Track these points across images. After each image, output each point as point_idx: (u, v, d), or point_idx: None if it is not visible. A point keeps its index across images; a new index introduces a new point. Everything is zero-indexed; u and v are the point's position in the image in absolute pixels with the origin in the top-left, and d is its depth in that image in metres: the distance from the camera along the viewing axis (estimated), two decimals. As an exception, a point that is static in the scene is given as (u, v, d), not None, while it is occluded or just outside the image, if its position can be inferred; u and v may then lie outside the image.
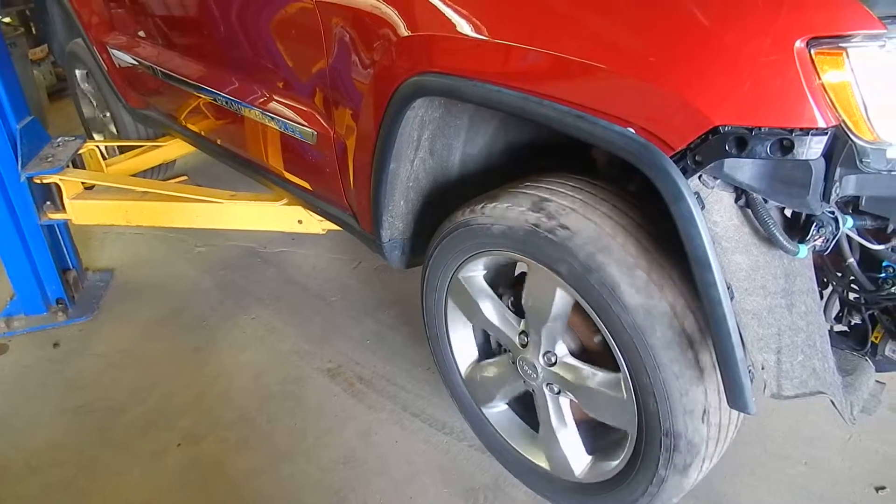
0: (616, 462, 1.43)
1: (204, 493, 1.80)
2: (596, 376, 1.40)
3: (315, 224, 2.27)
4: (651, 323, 1.18)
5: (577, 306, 1.36)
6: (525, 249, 1.36)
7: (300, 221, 2.30)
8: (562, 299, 1.37)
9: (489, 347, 1.79)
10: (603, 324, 1.26)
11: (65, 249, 2.68)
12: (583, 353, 1.47)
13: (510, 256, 1.45)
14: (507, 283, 1.65)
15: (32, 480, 1.88)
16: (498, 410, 1.75)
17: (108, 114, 3.41)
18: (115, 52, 2.97)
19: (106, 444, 1.98)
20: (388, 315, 2.47)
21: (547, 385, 1.51)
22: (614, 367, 1.32)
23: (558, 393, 1.51)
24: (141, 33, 2.75)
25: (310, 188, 2.07)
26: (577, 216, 1.28)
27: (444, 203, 1.71)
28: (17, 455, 1.97)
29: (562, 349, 1.46)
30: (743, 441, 1.68)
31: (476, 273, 1.59)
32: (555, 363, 1.46)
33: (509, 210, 1.37)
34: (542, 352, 1.48)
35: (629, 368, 1.26)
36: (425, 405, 2.03)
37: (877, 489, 1.67)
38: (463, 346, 1.76)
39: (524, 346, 1.52)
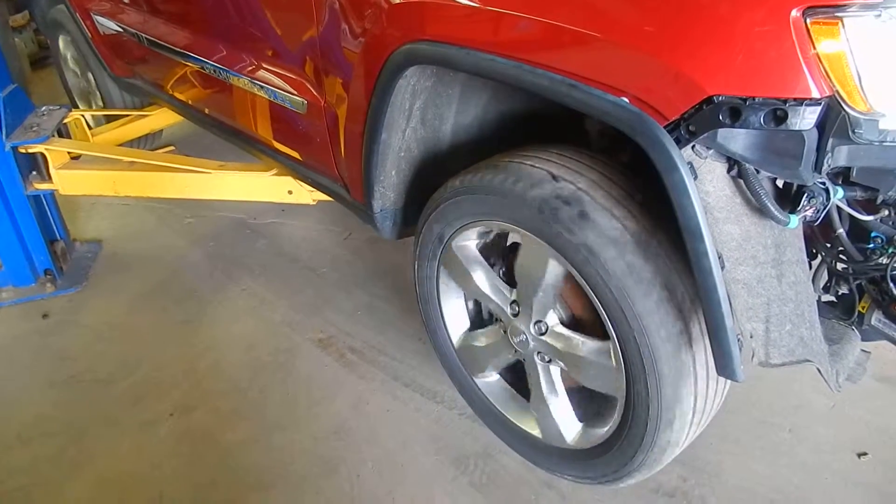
0: (605, 429, 1.45)
1: (195, 464, 1.81)
2: (585, 345, 1.41)
3: (305, 194, 2.26)
4: (640, 291, 1.19)
5: (568, 277, 1.37)
6: (516, 219, 1.36)
7: (290, 192, 2.29)
8: (553, 269, 1.38)
9: (481, 318, 1.80)
10: (592, 292, 1.27)
11: (52, 220, 2.65)
12: (573, 323, 1.48)
13: (502, 227, 1.45)
14: (500, 253, 1.65)
15: (23, 452, 1.88)
16: (490, 380, 1.76)
17: (92, 80, 3.35)
18: (99, 18, 2.91)
19: (97, 416, 1.99)
20: (379, 286, 2.47)
21: (538, 354, 1.53)
22: (603, 336, 1.34)
23: (549, 362, 1.52)
24: (125, -1, 2.69)
25: (300, 158, 2.05)
26: (571, 186, 1.28)
27: (435, 173, 1.71)
28: (7, 427, 1.97)
29: (552, 318, 1.47)
30: (728, 409, 1.70)
31: (469, 242, 1.59)
32: (545, 332, 1.48)
33: (502, 181, 1.37)
34: (532, 321, 1.49)
35: (618, 336, 1.27)
36: (416, 375, 2.04)
37: (859, 455, 1.71)
38: (455, 316, 1.77)
39: (515, 315, 1.53)
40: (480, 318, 1.80)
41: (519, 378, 1.69)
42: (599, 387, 1.44)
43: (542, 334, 1.48)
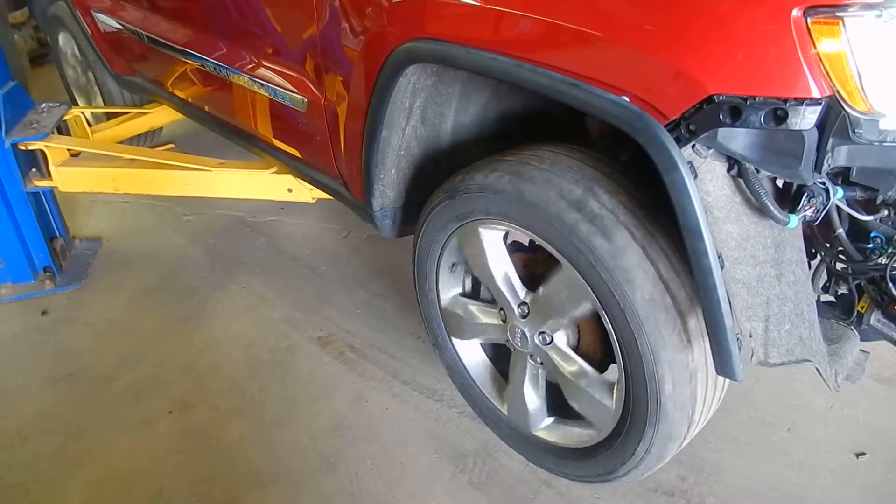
0: (595, 432, 1.47)
1: (195, 461, 1.81)
2: (589, 375, 1.43)
3: (305, 193, 2.26)
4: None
5: (593, 313, 1.36)
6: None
7: (290, 190, 2.29)
8: (585, 304, 1.36)
9: (476, 290, 1.77)
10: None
11: (51, 217, 2.65)
12: (576, 348, 1.49)
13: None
14: (517, 248, 1.63)
15: (23, 448, 1.88)
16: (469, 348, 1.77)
17: (92, 77, 3.35)
18: (99, 15, 2.91)
19: (96, 413, 1.99)
20: (379, 284, 2.47)
21: (532, 356, 1.53)
22: (602, 364, 1.36)
23: (540, 364, 1.53)
24: (126, -4, 2.69)
25: (300, 156, 2.05)
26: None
27: (435, 172, 1.71)
28: (7, 423, 1.97)
29: (561, 338, 1.48)
30: (727, 408, 1.71)
31: (499, 231, 1.53)
32: (549, 344, 1.48)
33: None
34: (539, 331, 1.49)
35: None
36: (415, 373, 2.05)
37: (857, 455, 1.71)
38: (449, 280, 1.74)
39: (524, 316, 1.52)
40: (476, 290, 1.76)
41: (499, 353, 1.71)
42: (586, 413, 1.48)
43: (546, 345, 1.49)
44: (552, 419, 1.62)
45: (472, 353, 1.78)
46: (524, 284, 1.53)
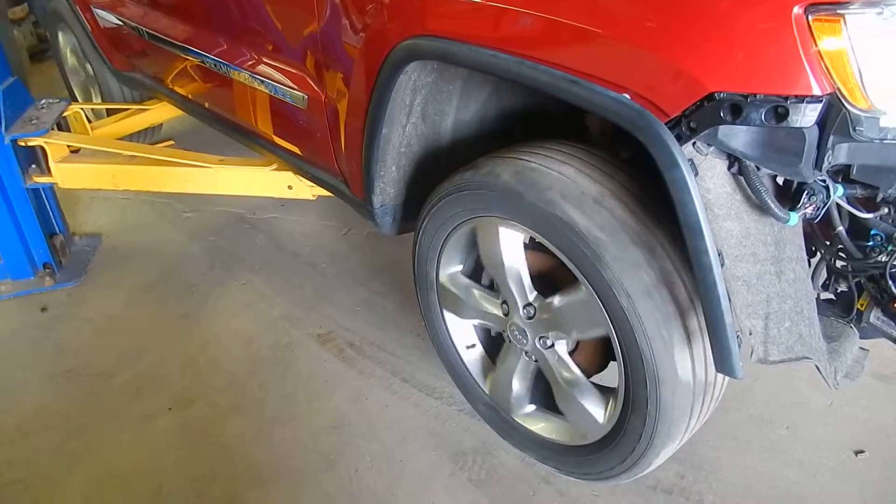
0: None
1: (194, 458, 1.81)
2: (586, 390, 1.45)
3: (305, 190, 2.26)
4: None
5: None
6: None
7: (290, 187, 2.29)
8: (598, 330, 1.36)
9: (479, 274, 1.77)
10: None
11: (51, 214, 2.65)
12: (572, 353, 1.51)
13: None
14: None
15: (23, 445, 1.88)
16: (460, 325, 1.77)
17: (91, 73, 3.34)
18: (99, 11, 2.91)
19: (96, 409, 1.99)
20: (379, 282, 2.47)
21: (539, 339, 1.53)
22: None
23: (551, 346, 1.53)
24: (126, -8, 2.68)
25: (300, 153, 2.05)
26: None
27: (436, 169, 1.71)
28: (7, 419, 1.97)
29: (561, 346, 1.49)
30: (727, 406, 1.71)
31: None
32: (549, 347, 1.49)
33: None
34: (521, 306, 1.50)
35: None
36: (415, 370, 2.05)
37: (856, 453, 1.71)
38: (451, 256, 1.74)
39: (529, 318, 1.51)
40: (478, 273, 1.74)
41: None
42: (573, 420, 1.50)
43: (546, 348, 1.49)
44: (533, 407, 1.65)
45: (461, 331, 1.79)
46: (534, 286, 1.51)
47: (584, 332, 1.41)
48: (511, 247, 1.49)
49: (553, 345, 1.48)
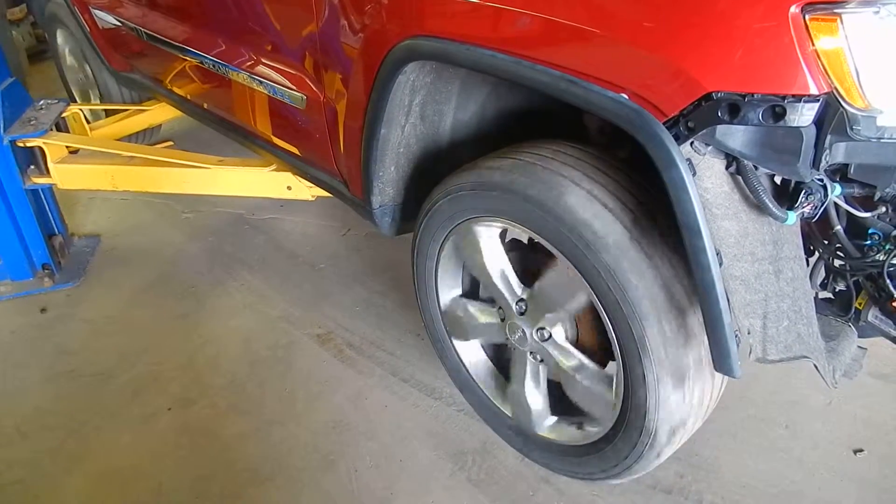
0: (598, 428, 1.47)
1: (194, 457, 1.82)
2: (587, 369, 1.44)
3: (304, 190, 2.26)
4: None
5: (590, 306, 1.37)
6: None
7: (289, 188, 2.29)
8: (580, 296, 1.37)
9: (475, 290, 1.77)
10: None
11: (50, 214, 2.65)
12: (575, 342, 1.50)
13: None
14: (515, 246, 1.63)
15: (23, 445, 1.89)
16: (471, 349, 1.77)
17: (90, 74, 3.34)
18: (97, 12, 2.91)
19: (96, 410, 1.99)
20: (378, 282, 2.47)
21: (531, 353, 1.53)
22: (602, 359, 1.37)
23: (541, 361, 1.53)
24: (124, -7, 2.68)
25: (299, 154, 2.05)
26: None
27: (435, 169, 1.71)
28: (6, 420, 1.97)
29: (559, 333, 1.48)
30: (725, 405, 1.71)
31: (495, 228, 1.54)
32: (547, 340, 1.49)
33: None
34: (537, 327, 1.49)
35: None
36: (414, 370, 2.05)
37: (855, 451, 1.72)
38: (449, 281, 1.75)
39: (522, 314, 1.52)
40: (475, 290, 1.76)
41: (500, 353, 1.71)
42: (587, 407, 1.48)
43: (544, 341, 1.49)
44: (555, 418, 1.62)
45: (473, 355, 1.78)
46: (521, 281, 1.54)
47: (571, 300, 1.41)
48: (492, 247, 1.52)
49: (551, 336, 1.48)
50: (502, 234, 1.57)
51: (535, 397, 1.60)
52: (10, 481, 1.78)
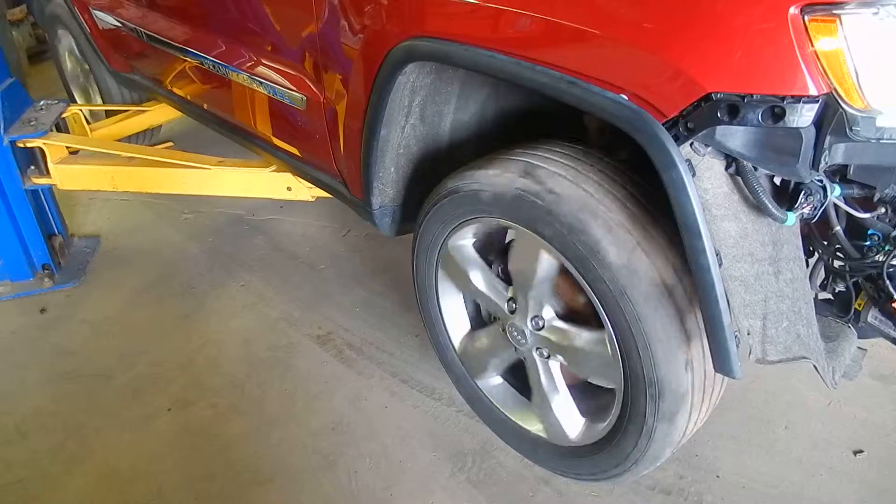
0: (605, 423, 1.46)
1: (194, 458, 1.82)
2: (581, 336, 1.42)
3: (304, 191, 2.26)
4: (637, 287, 1.20)
5: (562, 270, 1.37)
6: (513, 214, 1.36)
7: (289, 188, 2.29)
8: (546, 262, 1.39)
9: (480, 318, 1.79)
10: (590, 287, 1.28)
11: (50, 215, 2.65)
12: (568, 316, 1.49)
13: (501, 223, 1.45)
14: (497, 252, 1.65)
15: (22, 446, 1.89)
16: (492, 383, 1.76)
17: (90, 74, 3.35)
18: (97, 13, 2.91)
19: (95, 410, 1.99)
20: (378, 282, 2.47)
21: (536, 349, 1.53)
22: (599, 326, 1.35)
23: (548, 357, 1.53)
24: (124, -6, 2.69)
25: (299, 154, 2.05)
26: (566, 182, 1.28)
27: (434, 170, 1.71)
28: (6, 420, 1.97)
29: (549, 312, 1.48)
30: (725, 406, 1.71)
31: (466, 241, 1.60)
32: (542, 327, 1.49)
33: (498, 176, 1.37)
34: (529, 316, 1.49)
35: (614, 327, 1.28)
36: (414, 371, 2.05)
37: (854, 453, 1.71)
38: (455, 314, 1.77)
39: (513, 312, 1.53)
40: (480, 318, 1.79)
41: (520, 379, 1.69)
42: (598, 377, 1.46)
43: (540, 329, 1.49)
44: (584, 420, 1.57)
45: (500, 393, 1.77)
46: (502, 280, 1.57)
47: (590, 375, 1.45)
48: (468, 256, 1.56)
49: (544, 323, 1.48)
50: (475, 245, 1.60)
51: (559, 402, 1.57)
52: (9, 482, 1.78)
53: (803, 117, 0.95)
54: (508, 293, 1.55)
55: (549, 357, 1.53)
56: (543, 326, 1.48)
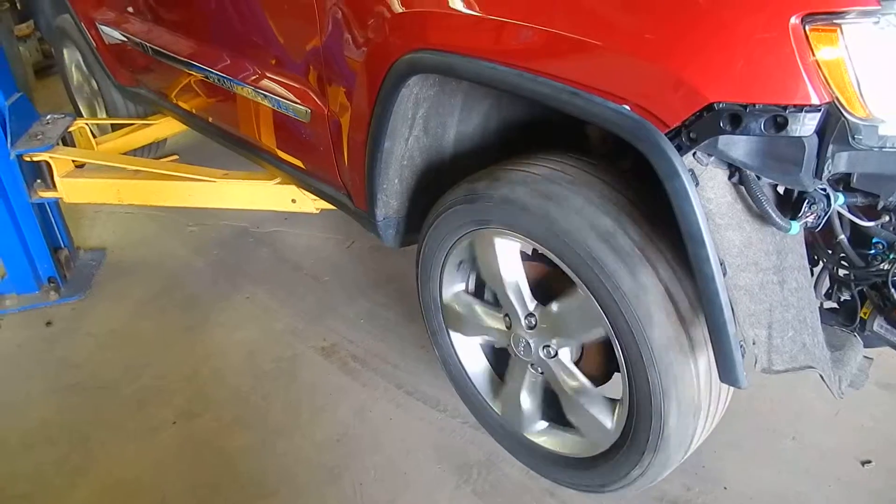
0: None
1: (199, 470, 1.81)
2: (591, 395, 1.45)
3: (309, 203, 2.27)
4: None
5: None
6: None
7: (294, 200, 2.30)
8: (597, 332, 1.36)
9: (480, 290, 1.77)
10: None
11: (56, 228, 2.66)
12: (579, 362, 1.50)
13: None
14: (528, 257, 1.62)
15: (27, 458, 1.89)
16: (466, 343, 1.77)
17: (96, 88, 3.37)
18: (104, 28, 2.93)
19: (100, 422, 1.99)
20: (382, 294, 2.47)
21: (532, 365, 1.53)
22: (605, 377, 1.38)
23: (541, 373, 1.53)
24: (130, 8, 2.71)
25: (303, 167, 2.06)
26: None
27: (438, 181, 1.72)
28: (11, 433, 1.97)
29: (565, 354, 1.48)
30: (731, 416, 1.69)
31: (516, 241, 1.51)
32: (553, 357, 1.49)
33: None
34: (544, 344, 1.49)
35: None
36: (419, 383, 2.04)
37: (862, 463, 1.70)
38: (451, 277, 1.73)
39: (531, 328, 1.52)
40: (479, 290, 1.76)
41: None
42: (584, 429, 1.49)
43: (550, 358, 1.49)
44: (546, 424, 1.63)
45: (469, 351, 1.78)
46: (534, 296, 1.52)
47: (588, 333, 1.41)
48: (508, 258, 1.51)
49: (557, 355, 1.48)
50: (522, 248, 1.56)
51: (528, 403, 1.62)
52: (14, 494, 1.78)
53: (806, 126, 0.96)
54: (533, 310, 1.52)
55: (556, 355, 1.51)
56: (554, 357, 1.49)
